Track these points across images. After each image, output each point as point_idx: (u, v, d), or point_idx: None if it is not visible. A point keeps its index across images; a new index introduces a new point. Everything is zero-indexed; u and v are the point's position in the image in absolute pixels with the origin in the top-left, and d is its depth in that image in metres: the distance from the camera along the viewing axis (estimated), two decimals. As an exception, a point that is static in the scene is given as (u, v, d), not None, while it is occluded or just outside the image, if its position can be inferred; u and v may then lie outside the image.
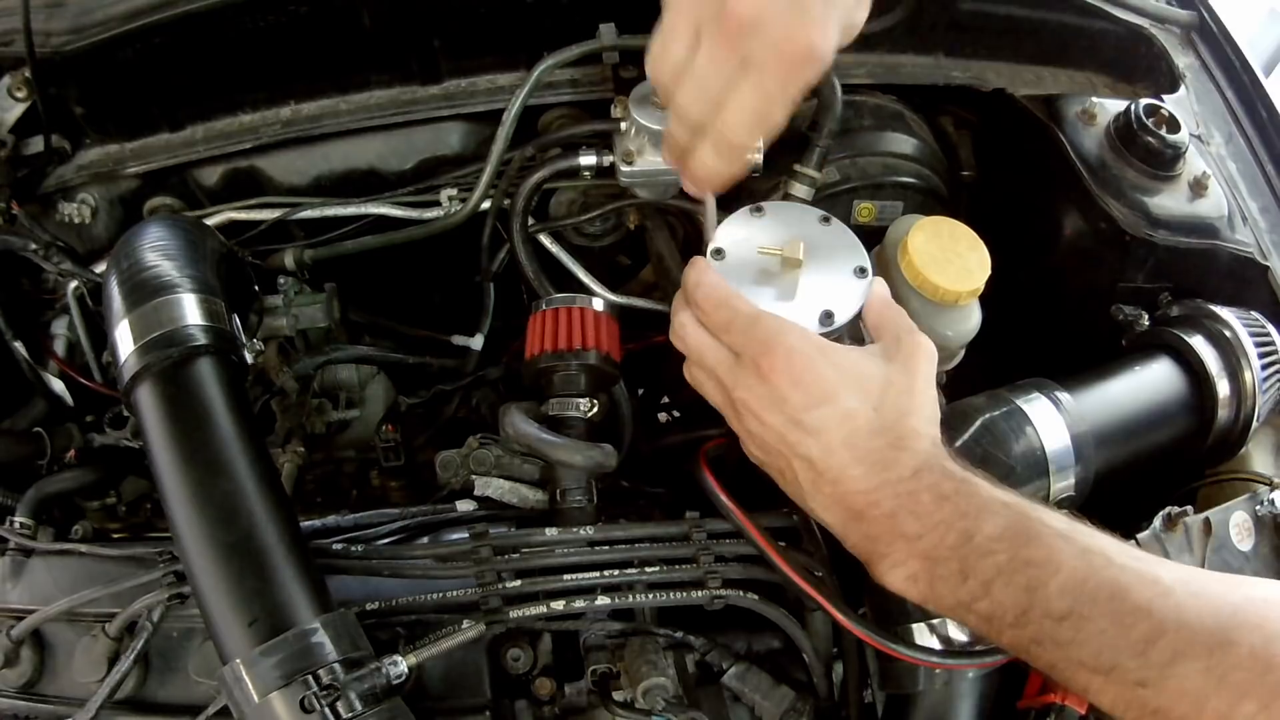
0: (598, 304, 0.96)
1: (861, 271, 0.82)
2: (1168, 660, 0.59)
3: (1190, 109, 1.18)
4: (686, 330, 0.79)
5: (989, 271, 0.88)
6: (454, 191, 1.15)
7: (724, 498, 0.85)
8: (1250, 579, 0.66)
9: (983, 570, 0.66)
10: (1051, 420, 0.88)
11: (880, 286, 0.82)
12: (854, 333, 0.82)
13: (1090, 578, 0.63)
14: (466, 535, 0.84)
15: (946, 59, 1.19)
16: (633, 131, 1.02)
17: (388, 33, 1.08)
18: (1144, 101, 1.13)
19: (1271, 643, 0.58)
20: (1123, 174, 1.11)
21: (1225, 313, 1.02)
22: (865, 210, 1.12)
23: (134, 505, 1.11)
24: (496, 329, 1.24)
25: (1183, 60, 1.22)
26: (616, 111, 1.05)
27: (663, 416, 1.29)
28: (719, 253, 0.83)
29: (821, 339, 0.75)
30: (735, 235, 0.84)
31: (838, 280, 0.81)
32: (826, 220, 0.86)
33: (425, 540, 0.90)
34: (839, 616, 0.79)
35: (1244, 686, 0.57)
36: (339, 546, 0.84)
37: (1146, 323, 1.07)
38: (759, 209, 0.87)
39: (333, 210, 1.17)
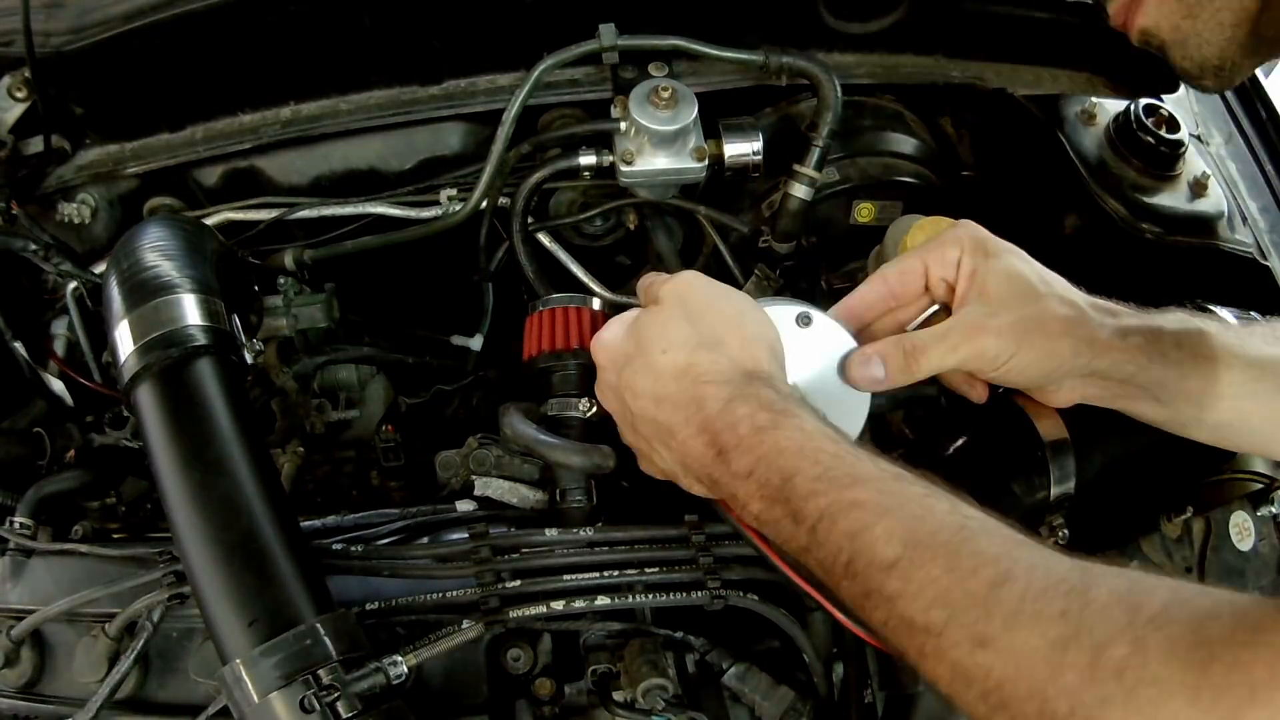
0: (596, 304, 0.96)
1: (804, 319, 0.78)
2: (1016, 608, 0.49)
3: (1190, 109, 1.19)
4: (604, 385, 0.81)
5: (989, 271, 0.88)
6: (454, 191, 1.15)
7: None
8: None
9: (808, 514, 0.60)
10: (1052, 419, 0.88)
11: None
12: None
13: (925, 521, 0.55)
14: (466, 535, 0.84)
15: (946, 59, 1.19)
16: (632, 131, 1.03)
17: (388, 33, 1.08)
18: (1143, 101, 1.13)
19: (1135, 586, 0.49)
20: (1122, 174, 1.11)
21: (1225, 312, 1.01)
22: (865, 210, 1.12)
23: (134, 505, 1.11)
24: (496, 329, 1.24)
25: (1182, 60, 1.21)
26: (616, 111, 1.05)
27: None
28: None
29: (631, 313, 0.77)
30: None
31: (831, 395, 0.77)
32: (806, 320, 0.78)
33: (425, 540, 0.90)
34: (839, 616, 0.79)
35: (1102, 629, 0.47)
36: (339, 546, 0.84)
37: (1146, 322, 1.07)
38: (807, 319, 0.78)
39: (332, 210, 1.17)
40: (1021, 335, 0.74)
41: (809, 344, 0.77)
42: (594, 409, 0.93)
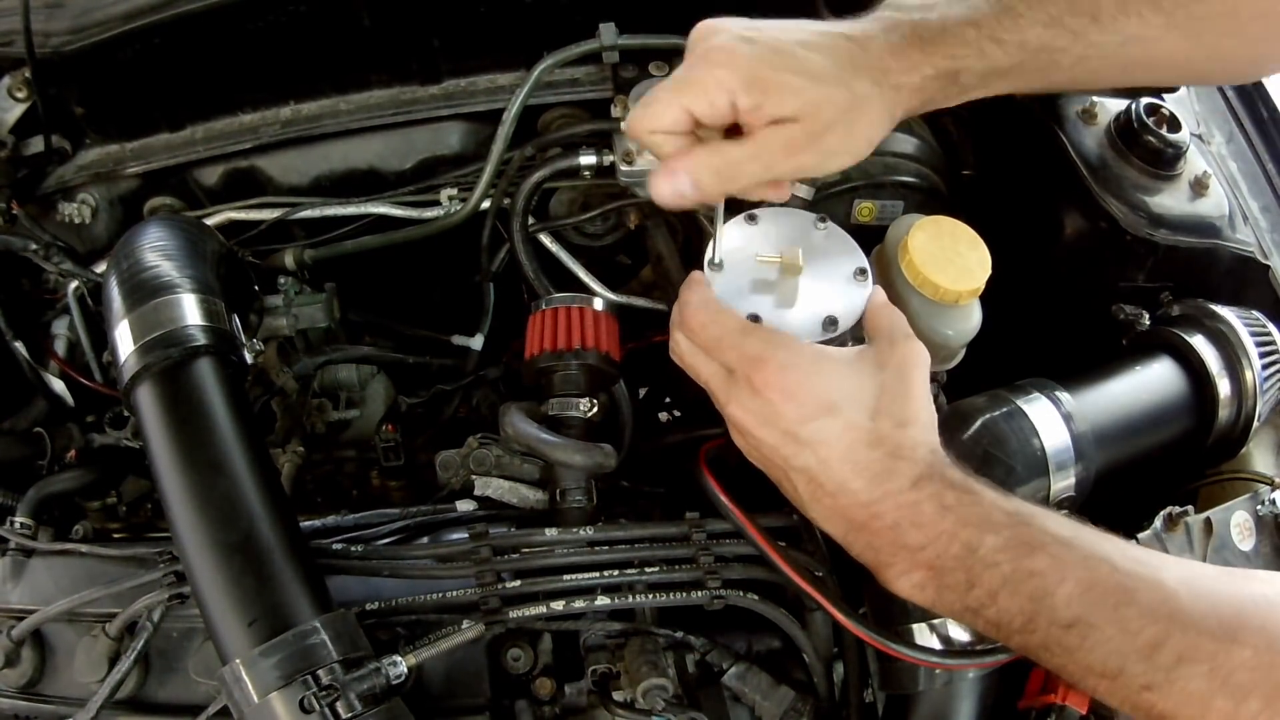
0: (598, 304, 0.96)
1: (861, 273, 0.82)
2: (1173, 664, 0.60)
3: (1191, 108, 1.18)
4: (681, 349, 0.79)
5: (989, 271, 0.88)
6: (454, 191, 1.15)
7: (724, 498, 0.85)
8: (1252, 573, 0.66)
9: (988, 580, 0.66)
10: (1052, 420, 0.88)
11: (881, 293, 0.82)
12: (857, 335, 0.82)
13: (1095, 586, 0.64)
14: (466, 535, 0.84)
15: (947, 58, 1.19)
16: (633, 131, 1.02)
17: (387, 33, 1.08)
18: (1144, 100, 1.13)
19: (1275, 643, 0.59)
20: (1123, 173, 1.11)
21: (1226, 312, 1.01)
22: (866, 210, 1.12)
23: (134, 505, 1.11)
24: (496, 329, 1.24)
25: (1183, 59, 1.21)
26: (616, 111, 1.05)
27: (663, 416, 1.29)
28: (717, 264, 0.82)
29: (814, 347, 0.74)
30: (731, 245, 0.83)
31: (838, 285, 0.81)
32: (822, 222, 0.86)
33: (425, 540, 0.90)
34: (839, 616, 0.79)
35: (1248, 687, 0.58)
36: (339, 546, 0.84)
37: (1147, 322, 1.07)
38: (753, 216, 0.86)
39: (333, 210, 1.17)
40: (829, 132, 0.70)
41: (822, 245, 0.84)
42: (594, 409, 0.93)
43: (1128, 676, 0.62)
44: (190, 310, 0.83)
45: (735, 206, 0.85)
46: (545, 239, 1.16)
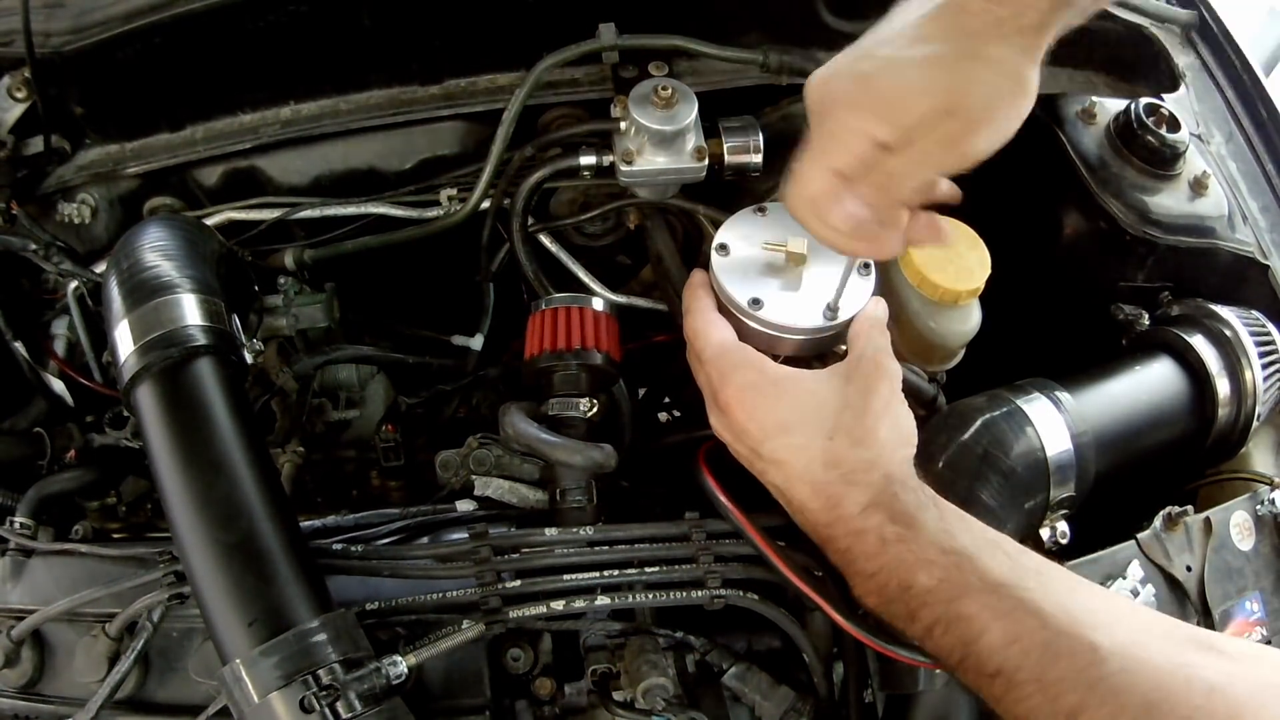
0: (598, 304, 0.96)
1: (865, 266, 0.83)
2: None
3: (1190, 108, 1.18)
4: (688, 352, 0.82)
5: (989, 271, 0.88)
6: (454, 191, 1.15)
7: (723, 498, 0.85)
8: (1211, 643, 0.62)
9: (924, 616, 0.67)
10: (1052, 420, 0.88)
11: (878, 306, 0.82)
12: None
13: (1019, 639, 0.62)
14: (466, 535, 0.84)
15: (947, 58, 1.19)
16: (632, 131, 1.02)
17: (387, 33, 1.08)
18: (1144, 101, 1.13)
19: None
20: (1123, 173, 1.11)
21: (1225, 312, 1.02)
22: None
23: (134, 505, 1.11)
24: (496, 329, 1.24)
25: (1183, 59, 1.22)
26: (616, 111, 1.04)
27: (663, 416, 1.29)
28: (723, 249, 0.83)
29: (779, 368, 0.76)
30: (739, 233, 0.84)
31: (842, 275, 0.82)
32: None
33: (425, 540, 0.90)
34: (838, 617, 0.79)
35: None
36: (339, 546, 0.84)
37: (1147, 322, 1.07)
38: (761, 209, 0.87)
39: (333, 210, 1.17)
40: (980, 110, 0.64)
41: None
42: (594, 409, 0.93)
43: None
44: (190, 310, 0.83)
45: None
46: (545, 239, 1.16)
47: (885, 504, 0.70)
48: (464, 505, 0.93)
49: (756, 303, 0.80)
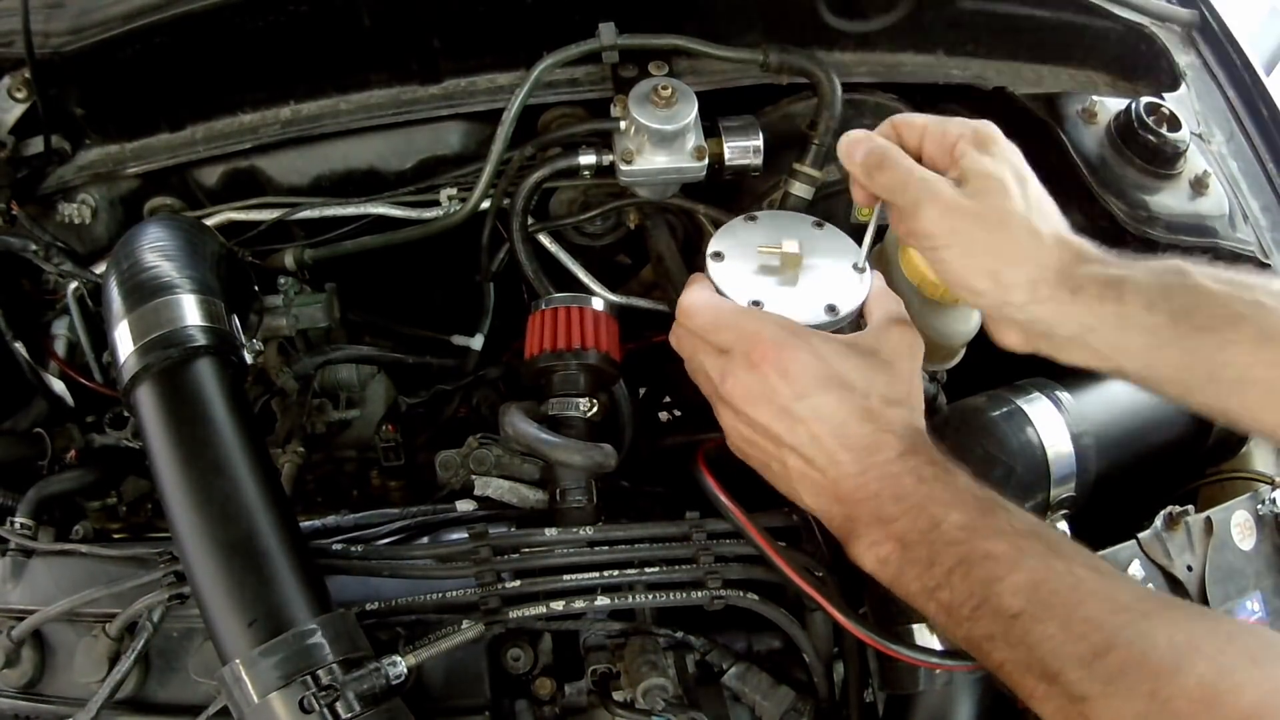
0: (598, 304, 0.96)
1: (858, 269, 0.83)
2: (1113, 675, 0.57)
3: (1191, 107, 1.18)
4: (680, 337, 0.81)
5: (989, 271, 0.88)
6: (454, 191, 1.15)
7: (723, 498, 0.85)
8: (1212, 616, 0.62)
9: (946, 558, 0.66)
10: (1052, 420, 0.88)
11: (877, 278, 0.83)
12: (856, 325, 0.83)
13: (1047, 581, 0.62)
14: (466, 535, 0.84)
15: (947, 57, 1.19)
16: (632, 130, 1.02)
17: (388, 33, 1.08)
18: (1145, 100, 1.13)
19: (1223, 677, 0.54)
20: (1123, 172, 1.11)
21: (1226, 312, 1.01)
22: (866, 210, 1.12)
23: (134, 505, 1.11)
24: (496, 329, 1.24)
25: (1184, 58, 1.22)
26: (616, 110, 1.05)
27: (663, 416, 1.29)
28: (718, 255, 0.83)
29: (807, 329, 0.76)
30: (732, 240, 0.84)
31: (839, 276, 0.82)
32: (820, 225, 0.86)
33: (425, 540, 0.90)
34: (839, 617, 0.79)
35: (1184, 717, 0.54)
36: (339, 546, 0.84)
37: (1147, 322, 1.06)
38: (753, 217, 0.86)
39: (333, 210, 1.17)
40: (966, 228, 0.72)
41: (821, 243, 0.85)
42: (594, 409, 0.93)
43: (1064, 683, 0.58)
44: (190, 310, 0.83)
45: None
46: (545, 239, 1.16)
47: (923, 450, 0.71)
48: (464, 505, 0.93)
49: (757, 303, 0.80)
